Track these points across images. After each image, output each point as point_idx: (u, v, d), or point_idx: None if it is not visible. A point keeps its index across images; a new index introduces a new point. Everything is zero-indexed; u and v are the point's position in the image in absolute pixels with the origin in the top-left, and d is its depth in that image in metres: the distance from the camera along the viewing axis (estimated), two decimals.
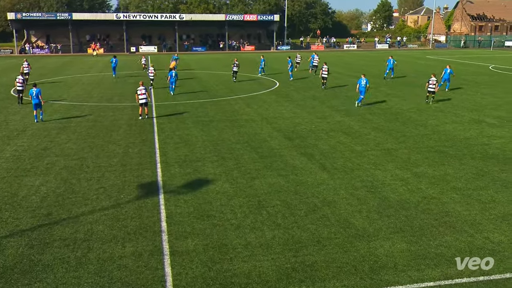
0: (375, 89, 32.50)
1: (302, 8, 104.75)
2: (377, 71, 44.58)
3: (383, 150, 17.40)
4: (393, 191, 13.23)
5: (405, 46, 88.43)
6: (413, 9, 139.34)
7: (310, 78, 39.22)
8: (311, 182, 13.91)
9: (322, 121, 22.38)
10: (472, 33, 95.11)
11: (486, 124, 21.58)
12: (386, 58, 42.12)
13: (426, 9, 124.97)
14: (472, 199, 12.58)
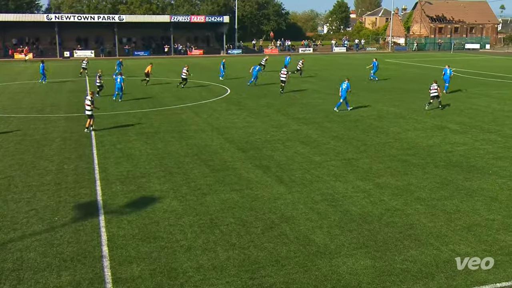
0: (334, 95, 33.12)
1: (253, 9, 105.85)
2: (333, 75, 45.51)
3: (344, 160, 17.72)
4: (355, 203, 13.47)
5: (364, 49, 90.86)
6: (371, 10, 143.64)
7: (264, 84, 39.52)
8: (267, 197, 13.96)
9: (277, 130, 22.57)
10: (432, 35, 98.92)
11: (449, 130, 22.40)
12: (344, 61, 43.04)
13: (384, 10, 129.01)
14: (436, 210, 12.98)
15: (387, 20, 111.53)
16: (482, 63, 56.12)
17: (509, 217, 12.50)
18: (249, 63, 49.29)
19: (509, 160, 17.56)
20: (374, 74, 41.51)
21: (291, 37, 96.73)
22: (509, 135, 21.36)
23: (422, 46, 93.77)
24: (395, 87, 37.44)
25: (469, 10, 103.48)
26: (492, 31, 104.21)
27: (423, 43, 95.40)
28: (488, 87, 37.15)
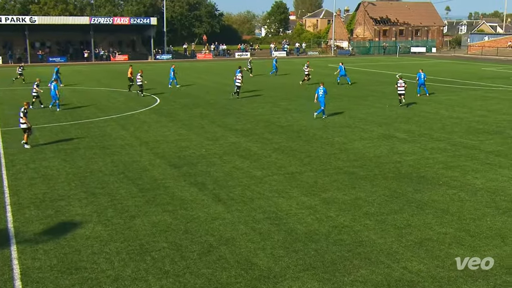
0: (273, 104, 33.55)
1: (184, 10, 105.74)
2: (273, 82, 46.08)
3: (287, 174, 17.91)
4: (300, 221, 13.63)
5: (305, 53, 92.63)
6: (311, 12, 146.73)
7: (196, 92, 39.47)
8: (204, 217, 13.89)
9: (214, 143, 22.56)
10: (376, 38, 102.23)
11: (396, 139, 23.15)
12: (284, 67, 43.65)
13: (325, 12, 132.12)
14: (387, 225, 13.34)
15: (329, 22, 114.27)
16: (429, 67, 58.46)
17: (461, 230, 13.02)
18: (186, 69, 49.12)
19: (459, 169, 18.34)
20: (346, 77, 44.53)
21: (226, 40, 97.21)
22: (459, 143, 22.33)
23: (366, 50, 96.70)
24: (339, 94, 38.34)
25: (414, 12, 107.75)
26: (438, 33, 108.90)
27: (368, 47, 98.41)
28: (436, 92, 38.73)
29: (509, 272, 10.79)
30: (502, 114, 29.37)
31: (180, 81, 43.80)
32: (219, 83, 46.18)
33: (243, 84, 36.29)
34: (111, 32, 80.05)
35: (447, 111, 30.41)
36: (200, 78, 50.64)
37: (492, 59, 79.43)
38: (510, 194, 15.70)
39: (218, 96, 37.10)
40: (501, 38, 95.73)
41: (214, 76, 53.13)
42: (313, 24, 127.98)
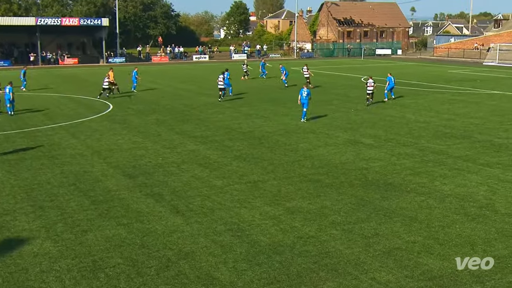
0: (234, 109, 33.59)
1: (138, 10, 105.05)
2: (234, 86, 46.15)
3: (249, 183, 17.93)
4: (264, 232, 13.64)
5: (267, 56, 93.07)
6: (273, 12, 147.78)
7: (151, 98, 39.21)
8: (161, 230, 13.77)
9: (171, 151, 22.43)
10: (340, 40, 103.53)
11: (363, 145, 23.45)
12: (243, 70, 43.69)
13: (287, 12, 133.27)
14: (354, 234, 13.47)
15: (291, 23, 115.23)
16: (395, 70, 59.47)
17: (430, 238, 13.25)
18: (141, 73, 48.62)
19: (426, 175, 18.69)
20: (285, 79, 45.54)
21: (183, 42, 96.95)
22: (426, 148, 22.76)
23: (330, 52, 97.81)
24: None
25: (378, 13, 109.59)
26: (403, 35, 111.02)
27: (331, 49, 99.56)
28: (402, 96, 39.42)
29: (479, 281, 11.02)
30: (469, 117, 30.08)
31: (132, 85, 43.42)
32: (176, 87, 46.00)
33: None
34: (59, 33, 78.86)
35: (414, 115, 30.97)
36: (155, 82, 50.33)
37: (459, 61, 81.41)
38: (478, 200, 16.07)
39: (175, 101, 36.95)
40: (467, 40, 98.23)
41: (171, 80, 52.89)
42: (274, 25, 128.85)
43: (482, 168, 19.60)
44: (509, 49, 78.28)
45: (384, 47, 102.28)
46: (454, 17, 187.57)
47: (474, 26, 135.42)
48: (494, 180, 18.01)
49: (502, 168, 19.47)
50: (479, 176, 18.53)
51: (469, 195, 16.54)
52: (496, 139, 24.39)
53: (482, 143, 23.50)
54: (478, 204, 15.72)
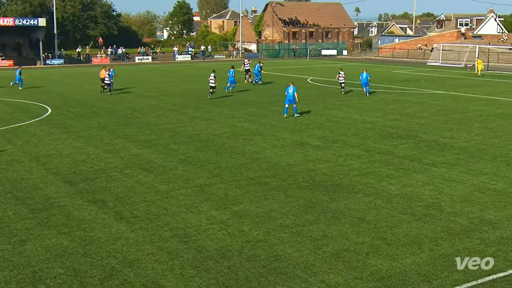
0: (179, 112, 33.39)
1: (77, 10, 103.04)
2: (178, 88, 45.90)
3: (195, 187, 17.86)
4: (211, 237, 13.61)
5: (211, 57, 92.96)
6: (217, 12, 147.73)
7: (92, 101, 38.58)
8: (105, 238, 13.55)
9: (114, 156, 22.12)
10: (286, 40, 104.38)
11: (310, 146, 23.70)
12: (189, 71, 43.59)
13: (232, 13, 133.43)
14: (302, 237, 13.60)
15: (236, 24, 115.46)
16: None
17: (378, 238, 13.51)
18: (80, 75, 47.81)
19: (373, 176, 19.05)
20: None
21: (125, 43, 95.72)
22: (373, 148, 23.20)
23: (275, 53, 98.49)
24: (249, 100, 38.79)
25: (323, 13, 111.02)
26: (348, 35, 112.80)
27: (277, 50, 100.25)
28: (348, 96, 40.08)
29: (427, 280, 11.31)
30: (414, 117, 30.83)
31: (73, 88, 42.59)
32: (117, 89, 45.32)
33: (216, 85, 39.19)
34: None
35: (360, 116, 31.52)
36: (96, 84, 49.49)
37: (403, 62, 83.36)
38: (425, 199, 16.49)
39: (117, 104, 36.45)
40: (411, 40, 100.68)
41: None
42: (219, 26, 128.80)
43: (427, 167, 20.13)
44: (451, 49, 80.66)
45: (330, 48, 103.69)
46: (398, 17, 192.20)
47: (417, 26, 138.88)
48: (439, 180, 18.52)
49: (447, 168, 20.04)
50: (425, 176, 19.01)
51: (415, 194, 16.95)
52: (440, 138, 25.08)
53: (427, 143, 24.12)
54: (424, 203, 16.12)
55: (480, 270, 11.63)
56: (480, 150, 22.69)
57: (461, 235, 13.72)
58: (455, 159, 21.26)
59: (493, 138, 25.05)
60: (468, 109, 34.12)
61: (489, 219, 14.77)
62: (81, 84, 48.94)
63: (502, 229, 14.09)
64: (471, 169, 19.81)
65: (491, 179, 18.58)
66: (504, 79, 54.02)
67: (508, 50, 77.08)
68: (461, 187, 17.71)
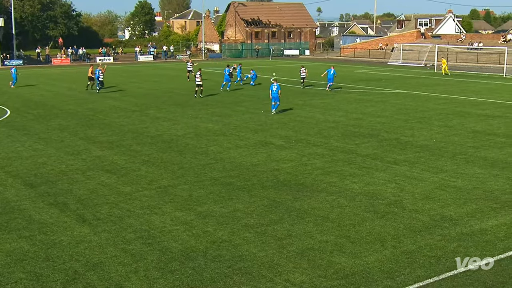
0: (141, 112, 33.13)
1: (36, 10, 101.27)
2: (140, 89, 45.54)
3: (158, 188, 17.75)
4: (175, 239, 13.55)
5: (174, 57, 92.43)
6: (179, 12, 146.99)
7: (52, 102, 37.99)
8: (67, 242, 13.36)
9: (75, 158, 21.82)
10: (249, 40, 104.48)
11: (273, 146, 23.79)
12: (151, 72, 43.30)
13: (194, 13, 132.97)
14: (267, 237, 13.64)
15: (198, 24, 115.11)
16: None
17: (342, 236, 13.64)
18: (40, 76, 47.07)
19: (337, 174, 19.22)
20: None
21: (86, 43, 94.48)
22: (336, 147, 23.40)
23: (238, 53, 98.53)
24: (213, 100, 38.72)
25: (285, 13, 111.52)
26: (310, 35, 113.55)
27: (240, 50, 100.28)
28: (311, 96, 40.36)
29: (390, 277, 11.46)
30: (376, 116, 31.22)
31: (32, 89, 41.89)
32: (80, 91, 44.76)
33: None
34: None
35: (323, 115, 31.76)
36: (56, 85, 48.80)
37: (365, 61, 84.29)
38: (387, 197, 16.71)
39: (79, 106, 35.98)
40: (372, 40, 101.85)
41: (73, 83, 51.33)
42: (181, 26, 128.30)
43: (389, 165, 20.40)
44: (412, 49, 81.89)
45: (292, 48, 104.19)
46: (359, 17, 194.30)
47: (378, 26, 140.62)
48: (401, 177, 18.79)
49: (408, 165, 20.35)
50: (387, 174, 19.27)
51: (378, 192, 17.17)
52: (402, 137, 25.45)
53: (389, 141, 24.45)
54: (386, 201, 16.34)
55: (445, 266, 11.86)
56: (440, 148, 23.11)
57: (422, 231, 13.96)
58: (416, 157, 21.60)
59: (452, 136, 25.55)
60: (428, 107, 34.70)
61: (450, 216, 15.06)
62: (41, 85, 48.10)
63: (462, 225, 14.38)
64: (431, 167, 20.16)
65: (451, 176, 18.94)
66: (462, 78, 55.11)
67: (466, 49, 78.65)
68: (422, 184, 18.02)
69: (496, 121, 29.53)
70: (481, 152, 22.33)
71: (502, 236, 13.65)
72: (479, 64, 71.91)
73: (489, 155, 21.82)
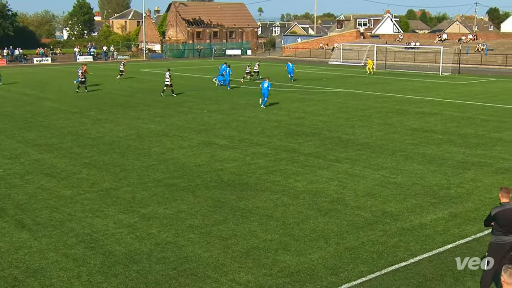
0: (81, 114, 32.51)
1: None
2: (79, 90, 44.71)
3: (101, 191, 17.46)
4: (119, 242, 13.36)
5: (114, 58, 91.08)
6: (119, 12, 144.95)
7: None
8: (5, 248, 12.97)
9: (13, 161, 21.22)
10: (190, 40, 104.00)
11: (217, 146, 23.76)
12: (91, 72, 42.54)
13: (134, 12, 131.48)
14: (212, 237, 13.61)
15: (139, 24, 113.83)
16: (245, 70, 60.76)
17: (286, 235, 13.75)
18: None
19: (280, 173, 19.37)
20: None
21: (22, 44, 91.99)
22: (279, 146, 23.57)
23: (180, 53, 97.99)
24: (155, 100, 38.36)
25: (227, 13, 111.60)
26: (252, 35, 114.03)
27: (181, 50, 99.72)
28: (254, 95, 40.48)
29: (334, 273, 11.63)
30: (318, 115, 31.61)
31: None
32: (17, 92, 43.58)
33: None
34: None
35: (266, 115, 31.92)
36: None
37: (306, 61, 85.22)
38: (330, 195, 16.95)
39: (16, 108, 35.00)
40: (313, 40, 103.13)
41: (10, 85, 49.89)
42: (121, 26, 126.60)
43: (332, 163, 20.70)
44: (351, 49, 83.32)
45: (234, 48, 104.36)
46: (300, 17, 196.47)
47: (319, 26, 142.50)
48: (343, 175, 19.09)
49: (350, 163, 20.69)
50: (330, 172, 19.54)
51: (321, 190, 17.39)
52: (343, 135, 25.86)
53: (331, 140, 24.80)
54: (329, 199, 16.57)
55: (387, 261, 12.14)
56: (381, 146, 23.60)
57: (365, 228, 14.22)
58: (358, 155, 21.99)
59: (392, 134, 26.13)
60: (369, 106, 35.38)
61: (391, 212, 15.40)
62: None
63: (402, 220, 14.73)
64: (372, 164, 20.57)
65: (391, 173, 19.37)
66: (400, 77, 56.44)
67: (404, 49, 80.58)
68: (364, 181, 18.35)
69: (433, 118, 30.38)
70: (420, 149, 22.93)
71: (440, 230, 14.06)
72: (417, 63, 73.83)
73: (427, 152, 22.43)
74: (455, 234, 13.76)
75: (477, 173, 19.19)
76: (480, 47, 72.04)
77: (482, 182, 18.20)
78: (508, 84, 49.42)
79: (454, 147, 23.12)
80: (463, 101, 37.25)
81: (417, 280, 11.36)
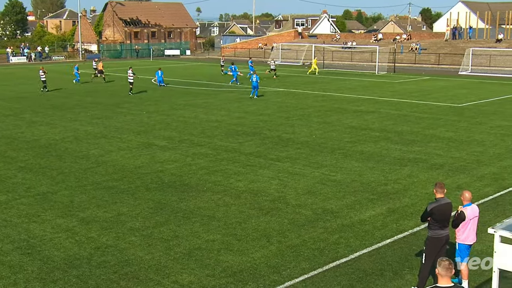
0: (15, 116, 31.57)
1: None
2: (12, 92, 43.44)
3: (37, 195, 17.03)
4: (57, 247, 13.07)
5: (49, 58, 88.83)
6: (53, 12, 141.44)
7: None
8: None
9: None
10: (128, 40, 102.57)
11: (157, 147, 23.54)
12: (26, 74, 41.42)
13: (69, 12, 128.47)
14: (153, 239, 13.49)
15: (74, 24, 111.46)
16: (184, 70, 60.65)
17: (228, 235, 13.77)
18: None
19: (221, 173, 19.36)
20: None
21: None
22: (220, 146, 23.56)
23: (118, 54, 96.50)
24: (91, 102, 37.66)
25: (165, 13, 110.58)
26: (191, 35, 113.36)
27: (119, 50, 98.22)
28: (194, 96, 40.34)
29: (276, 271, 11.73)
30: (258, 115, 31.76)
31: None
32: None
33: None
34: None
35: (206, 115, 31.84)
36: None
37: (245, 61, 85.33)
38: (271, 193, 17.07)
39: None
40: (252, 40, 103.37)
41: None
42: (56, 26, 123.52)
43: (272, 163, 20.84)
44: (290, 48, 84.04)
45: (173, 48, 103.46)
46: (238, 17, 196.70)
47: (257, 26, 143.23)
48: (284, 174, 19.26)
49: (290, 162, 20.89)
50: (271, 171, 19.67)
51: (262, 189, 17.49)
52: (284, 134, 26.08)
53: (271, 139, 24.97)
54: (271, 197, 16.69)
55: (328, 258, 12.32)
56: (320, 144, 23.92)
57: (306, 225, 14.40)
58: (298, 153, 22.22)
59: (331, 132, 26.54)
60: (308, 105, 35.79)
61: (331, 209, 15.65)
62: None
63: (342, 217, 15.00)
64: (312, 162, 20.83)
65: (331, 170, 19.68)
66: (338, 76, 57.32)
67: (341, 48, 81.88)
68: (304, 180, 18.57)
69: (370, 116, 31.02)
70: (358, 147, 23.37)
71: (379, 225, 14.39)
72: (353, 62, 75.08)
73: (365, 149, 22.88)
74: (393, 229, 14.11)
75: (413, 169, 19.73)
76: (414, 47, 73.89)
77: (418, 178, 18.73)
78: (440, 82, 50.99)
79: (391, 144, 23.69)
80: (398, 99, 38.20)
81: (357, 275, 11.59)
